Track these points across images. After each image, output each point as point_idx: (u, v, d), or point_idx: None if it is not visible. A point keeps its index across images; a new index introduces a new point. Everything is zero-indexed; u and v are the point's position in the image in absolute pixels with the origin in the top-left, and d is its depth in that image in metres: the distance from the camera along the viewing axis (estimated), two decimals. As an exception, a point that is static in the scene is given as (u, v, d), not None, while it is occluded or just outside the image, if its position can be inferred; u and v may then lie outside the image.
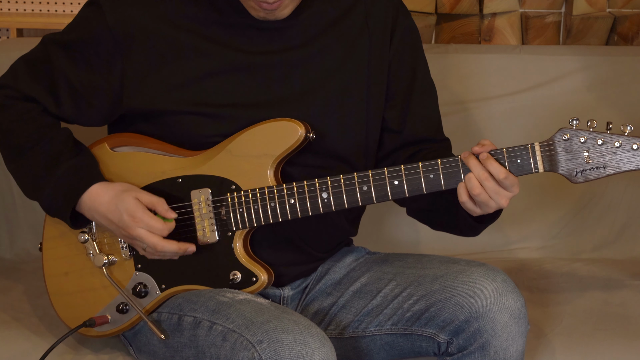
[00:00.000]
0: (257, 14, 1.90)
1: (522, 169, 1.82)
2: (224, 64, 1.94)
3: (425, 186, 1.85)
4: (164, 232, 1.89)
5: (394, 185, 1.86)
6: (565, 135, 1.81)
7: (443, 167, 1.84)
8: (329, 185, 1.88)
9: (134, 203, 1.89)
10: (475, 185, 1.81)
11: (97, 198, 1.91)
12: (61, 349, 2.05)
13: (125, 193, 1.90)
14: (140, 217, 1.88)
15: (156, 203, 1.91)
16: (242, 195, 1.91)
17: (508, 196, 1.82)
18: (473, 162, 1.82)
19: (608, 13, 3.10)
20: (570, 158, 1.81)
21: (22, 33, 3.51)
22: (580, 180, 1.81)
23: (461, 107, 2.69)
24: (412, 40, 2.07)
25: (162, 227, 1.89)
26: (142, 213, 1.89)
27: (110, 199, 1.91)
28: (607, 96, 2.68)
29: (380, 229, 2.68)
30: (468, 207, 1.85)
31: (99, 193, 1.92)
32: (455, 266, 1.92)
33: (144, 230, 1.89)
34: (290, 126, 1.90)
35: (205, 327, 1.84)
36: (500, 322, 1.83)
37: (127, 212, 1.89)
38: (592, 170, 1.80)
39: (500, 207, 1.83)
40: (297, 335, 1.74)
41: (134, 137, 1.99)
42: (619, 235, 2.69)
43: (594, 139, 1.80)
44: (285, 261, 2.00)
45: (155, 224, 1.89)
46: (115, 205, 1.90)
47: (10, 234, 2.63)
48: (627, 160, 1.79)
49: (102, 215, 1.92)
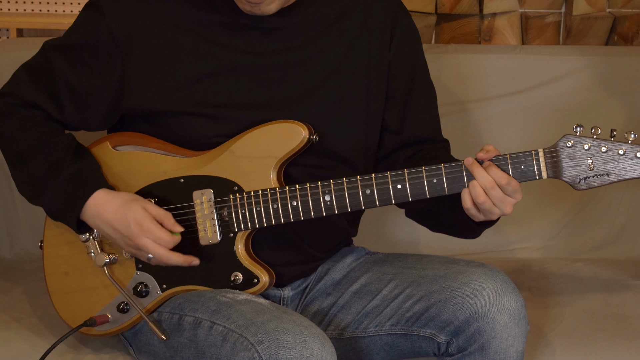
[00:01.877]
0: (243, 7, 1.91)
1: (526, 175, 1.82)
2: (224, 65, 1.93)
3: (429, 191, 1.85)
4: (170, 244, 1.90)
5: (397, 189, 1.86)
6: (569, 142, 1.81)
7: (446, 172, 1.84)
8: (331, 188, 1.87)
9: (142, 213, 1.89)
10: (479, 193, 1.81)
11: (103, 205, 1.91)
12: (62, 349, 2.05)
13: (134, 202, 1.90)
14: (148, 227, 1.88)
15: (163, 216, 1.91)
16: (245, 196, 1.90)
17: (512, 203, 1.82)
18: (478, 170, 1.81)
19: (608, 13, 3.10)
20: (574, 165, 1.81)
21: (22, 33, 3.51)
22: (583, 187, 1.81)
23: (461, 107, 2.69)
24: (412, 40, 2.07)
25: (169, 239, 1.89)
26: (150, 223, 1.89)
27: (117, 207, 1.90)
28: (607, 96, 2.67)
29: (380, 229, 2.68)
30: (472, 213, 1.85)
31: (104, 200, 1.92)
32: (455, 267, 1.92)
33: (150, 241, 1.89)
34: (294, 128, 1.90)
35: (206, 327, 1.83)
36: (500, 322, 1.83)
37: (135, 221, 1.89)
38: (595, 177, 1.80)
39: (504, 214, 1.83)
40: (297, 336, 1.74)
41: (136, 137, 1.99)
42: (619, 235, 2.69)
43: (597, 146, 1.80)
44: (285, 261, 2.00)
45: (163, 235, 1.89)
46: (123, 213, 1.89)
47: (10, 234, 2.62)
48: (630, 168, 1.79)
49: (107, 223, 1.91)
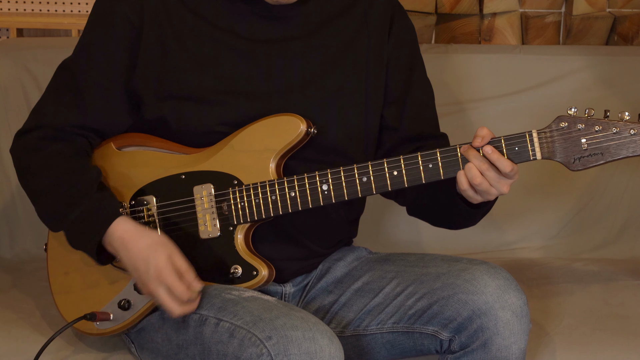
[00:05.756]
0: None
1: (520, 157, 1.82)
2: (225, 49, 1.94)
3: (424, 176, 1.85)
4: (184, 298, 1.85)
5: (393, 176, 1.86)
6: (563, 123, 1.81)
7: (442, 156, 1.84)
8: (329, 177, 1.88)
9: (165, 262, 1.85)
10: (476, 174, 1.81)
11: (131, 240, 1.88)
12: (60, 346, 2.05)
13: (161, 248, 1.87)
14: (166, 277, 1.84)
15: (185, 271, 1.86)
16: (244, 189, 1.91)
17: (509, 183, 1.83)
18: (473, 153, 1.82)
19: (608, 13, 3.10)
20: (568, 145, 1.80)
21: (22, 33, 3.51)
22: (578, 168, 1.81)
23: (461, 107, 2.69)
24: (409, 38, 2.08)
25: (182, 292, 1.84)
26: (168, 274, 1.85)
27: (144, 247, 1.87)
28: (607, 96, 2.68)
29: (380, 229, 2.68)
30: (469, 194, 1.85)
31: (134, 235, 1.88)
32: (457, 264, 1.92)
33: (163, 291, 1.85)
34: (292, 121, 1.90)
35: (212, 324, 1.83)
36: (502, 319, 1.83)
37: (156, 267, 1.85)
38: (589, 157, 1.80)
39: (501, 194, 1.84)
40: (305, 332, 1.74)
41: (139, 137, 2.00)
42: (619, 235, 2.69)
43: (591, 125, 1.79)
44: (285, 256, 2.00)
45: (178, 287, 1.84)
46: (147, 255, 1.86)
47: (10, 234, 2.62)
48: (624, 146, 1.78)
49: (129, 259, 1.88)
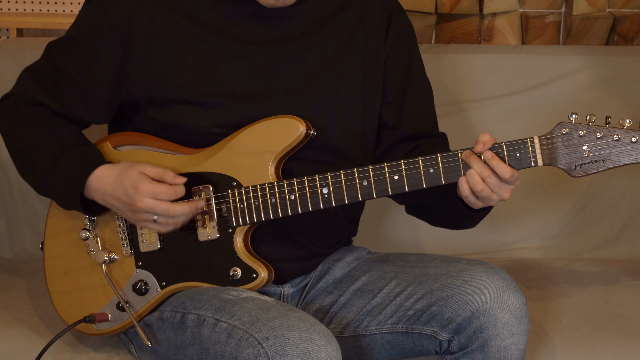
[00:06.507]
0: (267, 1, 1.92)
1: (522, 163, 1.83)
2: (223, 52, 1.94)
3: (425, 181, 1.85)
4: (171, 195, 1.87)
5: (394, 180, 1.86)
6: (565, 129, 1.81)
7: (443, 161, 1.85)
8: (329, 180, 1.88)
9: (137, 175, 1.88)
10: (477, 181, 1.82)
11: (104, 178, 1.91)
12: (60, 347, 2.05)
13: (130, 168, 1.89)
14: (144, 186, 1.86)
15: (162, 173, 1.89)
16: (243, 191, 1.91)
17: (510, 189, 1.84)
18: (474, 159, 1.82)
19: (608, 13, 3.10)
20: (570, 152, 1.81)
21: (22, 33, 3.50)
22: (579, 174, 1.81)
23: (461, 107, 2.69)
24: (407, 37, 2.08)
25: (167, 190, 1.87)
26: (145, 183, 1.87)
27: (115, 176, 1.90)
28: (607, 96, 2.68)
29: (380, 229, 2.68)
30: (470, 200, 1.85)
31: (104, 174, 1.91)
32: (456, 265, 1.92)
33: (150, 200, 1.87)
34: (292, 123, 1.90)
35: (210, 325, 1.83)
36: (501, 320, 1.83)
37: (131, 185, 1.87)
38: (591, 163, 1.81)
39: (502, 200, 1.84)
40: (303, 332, 1.74)
41: (136, 136, 2.00)
42: (619, 235, 2.69)
43: (592, 132, 1.80)
44: (284, 256, 2.00)
45: (160, 187, 1.87)
46: (120, 181, 1.89)
47: (10, 234, 2.62)
48: (625, 153, 1.79)
49: (110, 195, 1.91)
